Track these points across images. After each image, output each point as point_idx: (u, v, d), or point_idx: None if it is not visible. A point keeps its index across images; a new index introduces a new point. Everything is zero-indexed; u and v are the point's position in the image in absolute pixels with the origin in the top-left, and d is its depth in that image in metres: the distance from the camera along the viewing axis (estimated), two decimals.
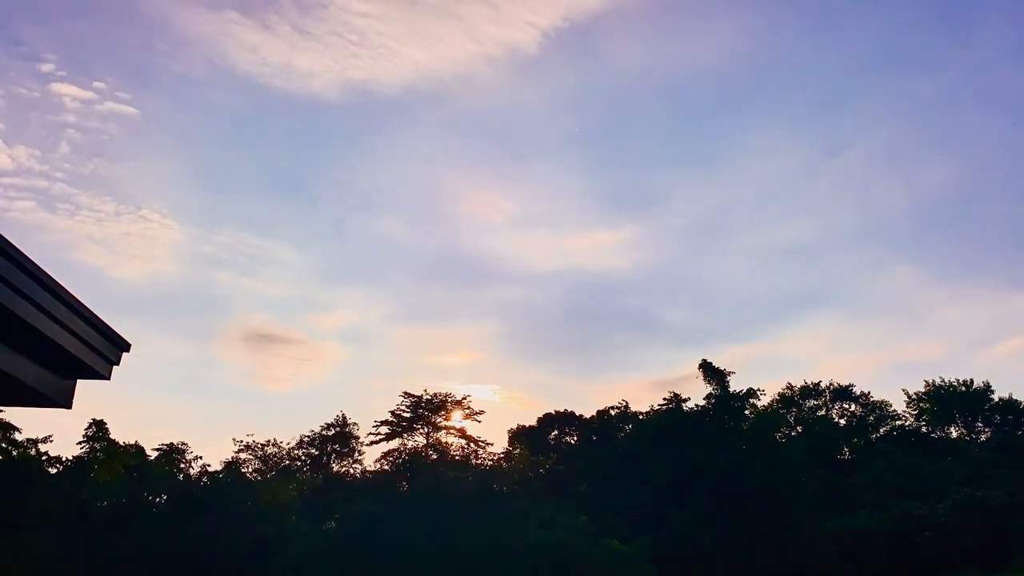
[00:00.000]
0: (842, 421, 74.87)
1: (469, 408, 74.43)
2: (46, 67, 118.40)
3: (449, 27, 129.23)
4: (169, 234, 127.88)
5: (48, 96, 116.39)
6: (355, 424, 74.64)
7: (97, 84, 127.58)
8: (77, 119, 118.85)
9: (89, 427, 67.25)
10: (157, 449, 69.38)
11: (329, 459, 73.64)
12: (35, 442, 64.00)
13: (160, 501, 68.19)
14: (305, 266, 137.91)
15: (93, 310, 5.26)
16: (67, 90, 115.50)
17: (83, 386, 5.89)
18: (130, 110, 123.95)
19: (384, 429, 73.02)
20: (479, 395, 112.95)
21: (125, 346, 5.75)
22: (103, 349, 5.52)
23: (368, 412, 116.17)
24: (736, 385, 71.76)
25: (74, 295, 5.01)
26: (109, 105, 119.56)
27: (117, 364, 5.78)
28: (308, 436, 73.79)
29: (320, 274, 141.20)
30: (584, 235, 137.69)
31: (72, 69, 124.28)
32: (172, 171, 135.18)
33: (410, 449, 72.66)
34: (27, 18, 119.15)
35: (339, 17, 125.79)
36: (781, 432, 72.97)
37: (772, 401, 73.36)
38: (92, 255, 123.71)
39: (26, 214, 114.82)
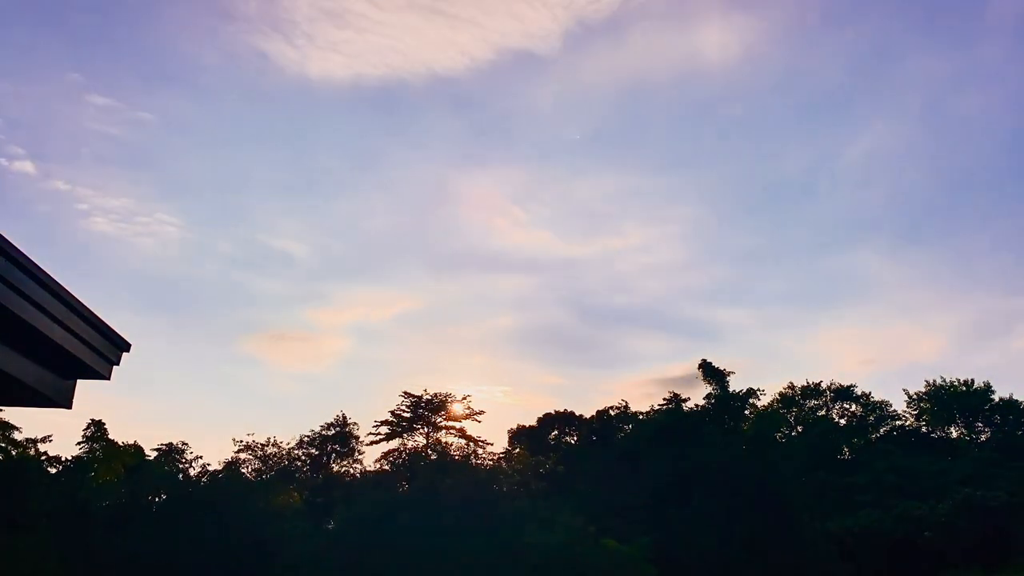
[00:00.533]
0: (842, 421, 74.86)
1: (469, 408, 74.44)
2: (71, 76, 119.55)
3: (461, 28, 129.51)
4: (182, 234, 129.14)
5: (71, 103, 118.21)
6: (355, 424, 74.67)
7: (117, 91, 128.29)
8: (98, 125, 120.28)
9: (88, 427, 67.28)
10: (156, 449, 69.42)
11: (329, 459, 73.59)
12: (34, 442, 64.03)
13: (160, 501, 68.21)
14: (314, 265, 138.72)
15: (95, 310, 5.25)
16: (92, 99, 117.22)
17: (83, 386, 5.88)
18: (147, 115, 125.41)
19: (384, 429, 72.97)
20: (489, 396, 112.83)
21: (125, 346, 5.74)
22: (103, 349, 5.51)
23: (375, 412, 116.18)
24: (736, 385, 71.94)
25: (74, 295, 5.00)
26: (127, 111, 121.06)
27: (117, 364, 5.77)
28: (308, 436, 73.76)
29: (329, 273, 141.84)
30: (592, 238, 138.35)
31: (94, 77, 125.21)
32: (185, 172, 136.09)
33: (410, 449, 72.64)
34: (47, 25, 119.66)
35: (353, 21, 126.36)
36: (781, 432, 72.96)
37: (772, 401, 73.45)
38: (106, 255, 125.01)
39: (44, 217, 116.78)
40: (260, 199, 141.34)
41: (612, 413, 76.39)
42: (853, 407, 75.37)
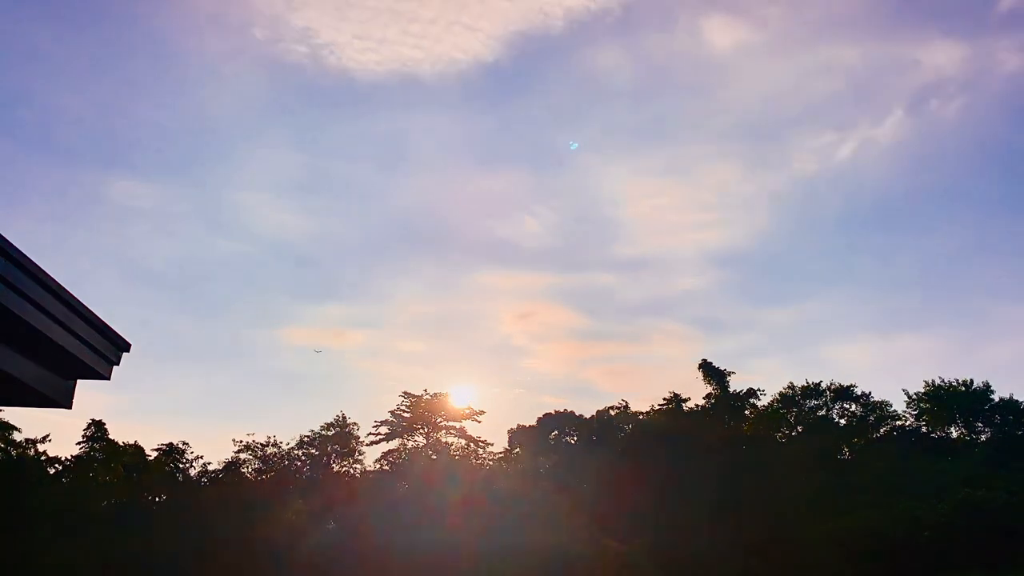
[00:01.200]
0: (842, 421, 74.78)
1: (470, 408, 74.59)
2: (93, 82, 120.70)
3: (474, 32, 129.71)
4: (193, 231, 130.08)
5: (96, 106, 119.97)
6: (355, 424, 74.65)
7: (137, 96, 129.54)
8: (121, 128, 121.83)
9: (88, 427, 67.35)
10: (156, 449, 69.48)
11: (329, 459, 73.58)
12: (34, 442, 64.09)
13: (160, 501, 68.26)
14: (324, 263, 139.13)
15: (99, 310, 5.24)
16: (116, 104, 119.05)
17: (83, 386, 5.88)
18: (166, 119, 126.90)
19: (384, 429, 73.10)
20: (501, 396, 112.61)
21: (125, 346, 5.74)
22: (103, 349, 5.51)
23: (382, 412, 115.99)
24: (736, 384, 72.01)
25: (74, 295, 4.99)
26: (148, 116, 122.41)
27: (117, 364, 5.78)
28: (308, 436, 73.72)
29: (339, 271, 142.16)
30: (603, 237, 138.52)
31: (114, 83, 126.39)
32: (196, 171, 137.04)
33: (410, 449, 72.73)
34: (68, 27, 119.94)
35: (370, 32, 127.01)
36: (781, 432, 72.97)
37: (772, 401, 73.43)
38: (119, 255, 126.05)
39: (56, 216, 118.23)
40: (272, 198, 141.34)
41: (612, 413, 76.38)
42: (853, 407, 75.31)
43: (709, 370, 71.33)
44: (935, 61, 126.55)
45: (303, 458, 73.08)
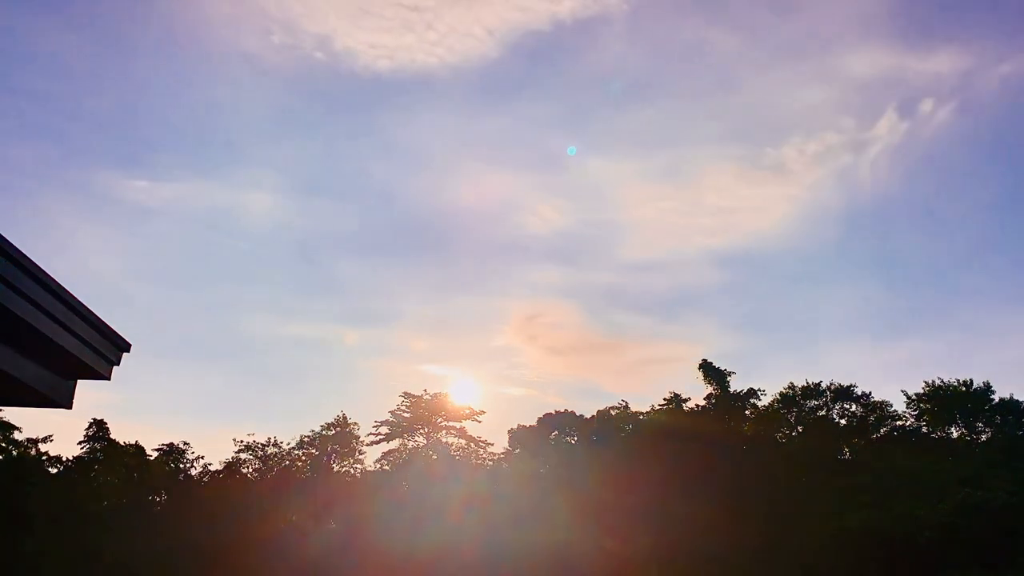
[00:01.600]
0: (842, 421, 74.78)
1: (470, 408, 74.65)
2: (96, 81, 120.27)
3: (480, 29, 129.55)
4: (195, 229, 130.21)
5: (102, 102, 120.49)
6: (356, 424, 74.71)
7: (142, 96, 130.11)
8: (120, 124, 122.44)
9: (89, 427, 67.40)
10: (157, 449, 69.54)
11: (329, 459, 73.64)
12: (35, 442, 64.15)
13: (160, 501, 68.34)
14: (326, 260, 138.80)
15: (98, 310, 5.27)
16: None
17: (83, 386, 5.90)
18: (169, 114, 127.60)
19: (384, 429, 73.15)
20: (512, 396, 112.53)
21: (125, 346, 5.76)
22: (103, 349, 5.53)
23: (383, 411, 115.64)
24: (736, 384, 72.01)
25: (74, 295, 5.02)
26: (155, 112, 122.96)
27: (117, 364, 5.80)
28: (308, 436, 73.80)
29: (341, 268, 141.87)
30: (614, 236, 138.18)
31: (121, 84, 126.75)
32: (199, 167, 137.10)
33: (410, 449, 72.78)
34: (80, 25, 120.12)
35: (379, 39, 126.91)
36: (782, 432, 72.96)
37: (772, 401, 73.42)
38: (117, 254, 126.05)
39: (53, 212, 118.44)
40: (276, 197, 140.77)
41: (612, 413, 76.39)
42: (853, 407, 75.29)
43: (709, 370, 71.34)
44: (933, 66, 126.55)
45: (303, 458, 73.12)
